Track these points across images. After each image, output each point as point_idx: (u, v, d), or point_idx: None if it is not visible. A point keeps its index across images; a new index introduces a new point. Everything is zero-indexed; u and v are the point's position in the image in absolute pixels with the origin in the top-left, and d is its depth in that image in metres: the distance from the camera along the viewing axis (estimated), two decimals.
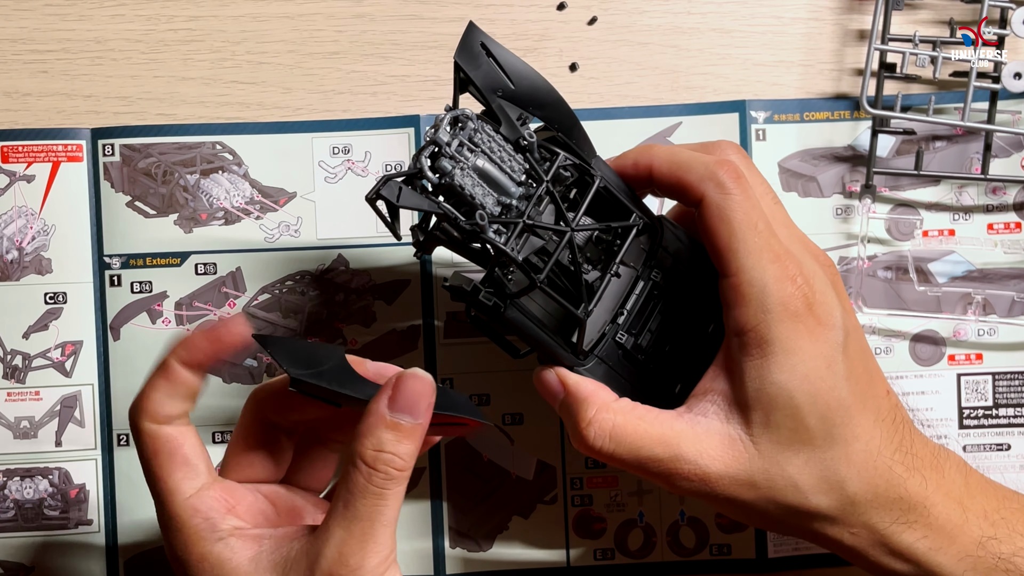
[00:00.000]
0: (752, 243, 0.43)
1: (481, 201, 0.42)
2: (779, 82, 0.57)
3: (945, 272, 0.56)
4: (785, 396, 0.42)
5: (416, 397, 0.40)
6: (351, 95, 0.56)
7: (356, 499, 0.39)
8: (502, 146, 0.43)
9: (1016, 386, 0.56)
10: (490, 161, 0.42)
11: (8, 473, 0.55)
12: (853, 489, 0.43)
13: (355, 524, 0.39)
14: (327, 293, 0.56)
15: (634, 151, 0.46)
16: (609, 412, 0.44)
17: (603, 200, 0.45)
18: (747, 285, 0.43)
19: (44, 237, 0.55)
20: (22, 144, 0.55)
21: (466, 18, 0.56)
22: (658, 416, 0.44)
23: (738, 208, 0.43)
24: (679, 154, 0.44)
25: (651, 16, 0.57)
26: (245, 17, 0.56)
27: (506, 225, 0.42)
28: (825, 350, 0.43)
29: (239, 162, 0.56)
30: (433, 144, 0.42)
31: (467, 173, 0.42)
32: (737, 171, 0.43)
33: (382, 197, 0.40)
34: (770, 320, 0.42)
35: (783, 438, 0.43)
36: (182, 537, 0.41)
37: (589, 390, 0.45)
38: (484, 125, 0.43)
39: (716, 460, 0.43)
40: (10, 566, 0.55)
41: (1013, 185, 0.56)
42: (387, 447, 0.39)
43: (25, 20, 0.56)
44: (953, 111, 0.56)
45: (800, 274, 0.43)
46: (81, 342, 0.55)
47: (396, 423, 0.40)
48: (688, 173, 0.44)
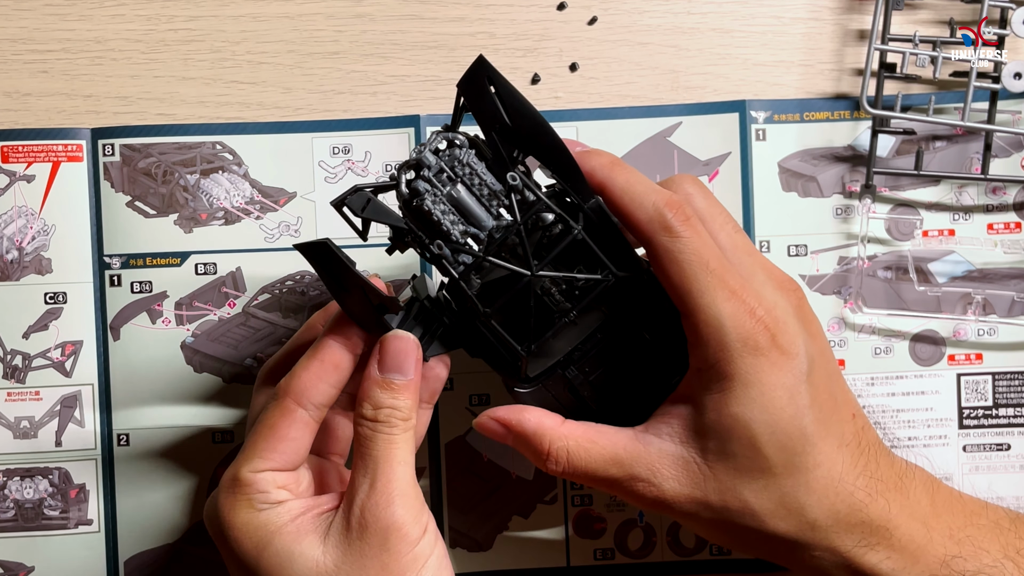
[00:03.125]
0: (705, 282, 0.42)
1: (448, 228, 0.42)
2: (779, 82, 0.57)
3: (945, 272, 0.56)
4: (743, 427, 0.42)
5: (402, 356, 0.43)
6: (351, 95, 0.56)
7: (369, 448, 0.43)
8: (485, 177, 0.43)
9: (1016, 386, 0.56)
10: (468, 191, 0.42)
11: (8, 473, 0.55)
12: (813, 515, 0.43)
13: (376, 467, 0.42)
14: (327, 293, 0.56)
15: (598, 160, 0.44)
16: (561, 440, 0.44)
17: (585, 246, 0.44)
18: (704, 325, 0.42)
19: (44, 237, 0.55)
20: (22, 144, 0.55)
21: (466, 18, 0.57)
22: (612, 437, 0.44)
23: (686, 249, 0.42)
24: (632, 187, 0.43)
25: (651, 16, 0.57)
26: (245, 17, 0.56)
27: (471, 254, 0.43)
28: (786, 380, 0.42)
29: (239, 162, 0.56)
30: (416, 163, 0.42)
31: (440, 200, 0.42)
32: (684, 211, 0.43)
33: (347, 205, 0.42)
34: (729, 356, 0.42)
35: (739, 466, 0.43)
36: (232, 501, 0.43)
37: (533, 425, 0.45)
38: (472, 154, 0.43)
39: (670, 479, 0.44)
40: (10, 566, 0.55)
41: (1013, 185, 0.56)
42: (385, 403, 0.43)
43: (25, 20, 0.56)
44: (953, 111, 0.56)
45: (760, 305, 0.42)
46: (81, 342, 0.55)
47: (389, 382, 0.43)
48: (636, 211, 0.43)
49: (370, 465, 0.42)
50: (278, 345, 0.56)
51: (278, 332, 0.56)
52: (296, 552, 0.42)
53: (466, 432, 0.56)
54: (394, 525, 0.42)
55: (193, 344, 0.55)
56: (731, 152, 0.56)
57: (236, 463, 0.44)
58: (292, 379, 0.43)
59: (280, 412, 0.43)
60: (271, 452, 0.43)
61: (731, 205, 0.56)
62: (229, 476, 0.44)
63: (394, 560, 0.41)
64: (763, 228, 0.56)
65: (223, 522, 0.43)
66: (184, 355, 0.55)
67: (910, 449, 0.56)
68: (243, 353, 0.56)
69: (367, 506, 0.42)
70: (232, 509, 0.43)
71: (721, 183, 0.56)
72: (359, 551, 0.42)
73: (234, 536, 0.43)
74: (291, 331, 0.56)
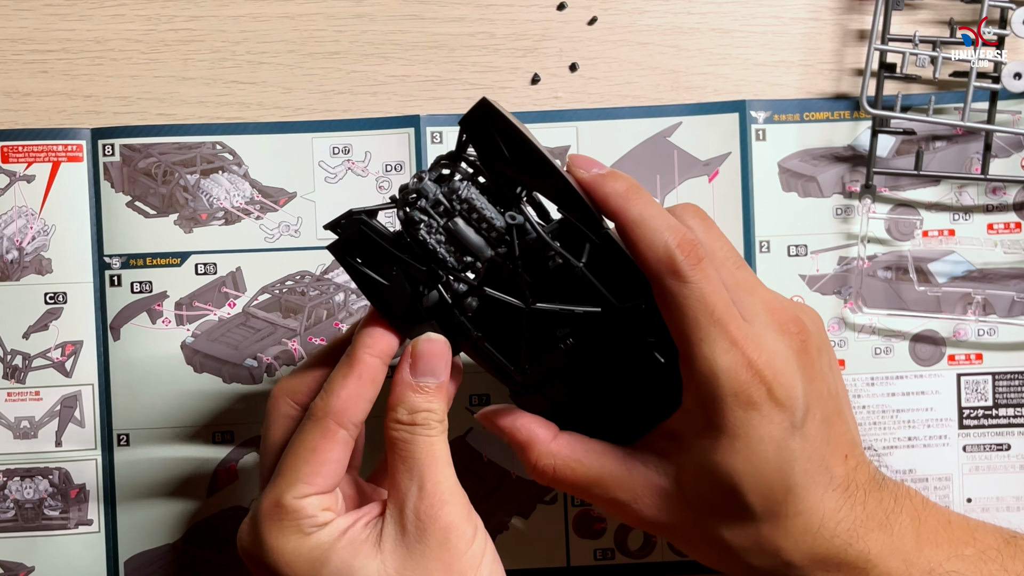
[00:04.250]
0: (706, 331, 0.42)
1: (443, 257, 0.42)
2: (779, 82, 0.57)
3: (945, 272, 0.56)
4: (726, 476, 0.42)
5: (434, 359, 0.43)
6: (351, 95, 0.56)
7: (410, 451, 0.42)
8: (485, 212, 0.42)
9: (1016, 386, 0.56)
10: (465, 223, 0.42)
11: (8, 473, 0.55)
12: (789, 557, 0.43)
13: (422, 468, 0.42)
14: (327, 293, 0.56)
15: (614, 187, 0.43)
16: (549, 457, 0.45)
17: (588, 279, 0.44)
18: (699, 373, 0.42)
19: (44, 237, 0.55)
20: (22, 144, 0.55)
21: (466, 18, 0.57)
22: (598, 457, 0.45)
23: (692, 295, 0.42)
24: (645, 222, 0.42)
25: (651, 16, 0.57)
26: (245, 17, 0.56)
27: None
28: (776, 433, 0.42)
29: (239, 162, 0.56)
30: (416, 192, 0.42)
31: (436, 231, 0.42)
32: (696, 253, 0.42)
33: (338, 233, 0.42)
34: (720, 408, 0.42)
35: (719, 509, 0.43)
36: (279, 528, 0.42)
37: (524, 436, 0.45)
38: (472, 189, 0.42)
39: (650, 507, 0.44)
40: (10, 566, 0.55)
41: (1013, 185, 0.56)
42: (420, 407, 0.43)
43: (25, 20, 0.56)
44: (953, 111, 0.56)
45: (760, 356, 0.42)
46: (81, 342, 0.55)
47: (422, 386, 0.43)
48: (647, 249, 0.42)
49: (414, 468, 0.42)
50: (279, 345, 0.56)
51: (278, 332, 0.56)
52: (355, 566, 0.41)
53: (466, 432, 0.56)
54: (451, 525, 0.41)
55: (193, 344, 0.55)
56: (731, 152, 0.56)
57: (276, 488, 0.42)
58: (331, 398, 0.42)
59: (321, 434, 0.42)
60: (314, 476, 0.42)
61: (731, 205, 0.56)
62: (271, 503, 0.42)
63: (456, 559, 0.41)
64: (763, 228, 0.56)
65: (270, 550, 0.42)
66: (184, 355, 0.56)
67: (910, 449, 0.56)
68: (243, 353, 0.56)
69: (421, 508, 0.41)
70: (280, 537, 0.42)
71: (721, 183, 0.56)
72: (420, 554, 0.41)
73: (285, 562, 0.42)
74: (291, 331, 0.56)
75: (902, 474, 0.56)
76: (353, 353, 0.43)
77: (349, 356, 0.43)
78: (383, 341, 0.43)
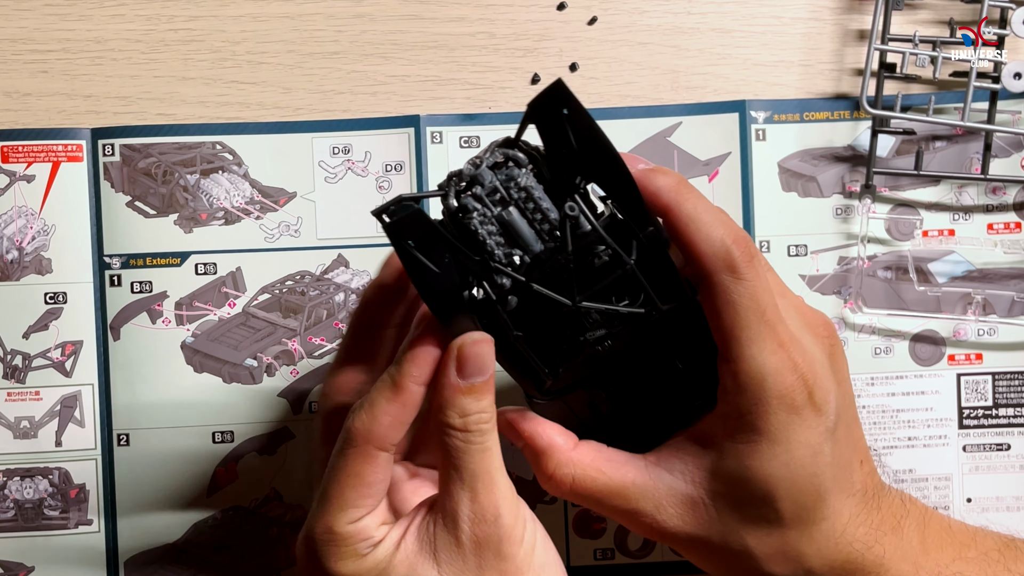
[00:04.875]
0: (756, 331, 0.41)
1: (492, 248, 0.40)
2: (779, 82, 0.57)
3: (945, 272, 0.56)
4: (761, 482, 0.42)
5: (480, 358, 0.41)
6: (351, 95, 0.56)
7: (464, 460, 0.41)
8: (541, 203, 0.40)
9: (1016, 386, 0.56)
10: (520, 214, 0.40)
11: (8, 473, 0.55)
12: (810, 564, 0.43)
13: (475, 481, 0.41)
14: (327, 293, 0.56)
15: (664, 181, 0.42)
16: (568, 466, 0.43)
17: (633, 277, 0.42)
18: (745, 375, 0.41)
19: (44, 237, 0.55)
20: (22, 144, 0.55)
21: (466, 18, 0.57)
22: (620, 466, 0.43)
23: (746, 293, 0.40)
24: (700, 216, 0.41)
25: (651, 16, 0.57)
26: (245, 17, 0.56)
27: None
28: (813, 438, 0.42)
29: (239, 162, 0.56)
30: (471, 179, 0.40)
31: (488, 220, 0.40)
32: (751, 248, 0.41)
33: (391, 215, 0.40)
34: (764, 411, 0.41)
35: (748, 515, 0.42)
36: (336, 554, 0.41)
37: (543, 443, 0.44)
38: (531, 176, 0.40)
39: (673, 517, 0.43)
40: (10, 566, 0.55)
41: (1013, 185, 0.56)
42: (471, 409, 0.41)
43: (25, 20, 0.56)
44: (953, 111, 0.56)
45: (803, 360, 0.41)
46: (81, 342, 0.55)
47: (470, 386, 0.41)
48: (701, 243, 0.41)
49: (467, 479, 0.41)
50: (279, 345, 0.56)
51: (278, 332, 0.56)
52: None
53: None
54: (504, 534, 0.41)
55: (193, 344, 0.55)
56: (731, 152, 0.56)
57: (327, 514, 0.41)
58: (374, 425, 0.41)
59: (364, 460, 0.41)
60: (363, 499, 0.41)
61: (731, 205, 0.56)
62: (324, 529, 0.41)
63: (511, 565, 0.41)
64: (763, 228, 0.56)
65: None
66: (184, 355, 0.56)
67: (910, 449, 0.56)
68: (243, 353, 0.56)
69: (475, 522, 0.41)
70: (338, 562, 0.41)
71: (721, 183, 0.56)
72: (476, 565, 0.41)
73: None
74: (291, 331, 0.56)
75: (902, 474, 0.56)
76: (399, 381, 0.41)
77: (394, 382, 0.41)
78: (428, 369, 0.41)
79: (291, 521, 0.56)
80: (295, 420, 0.56)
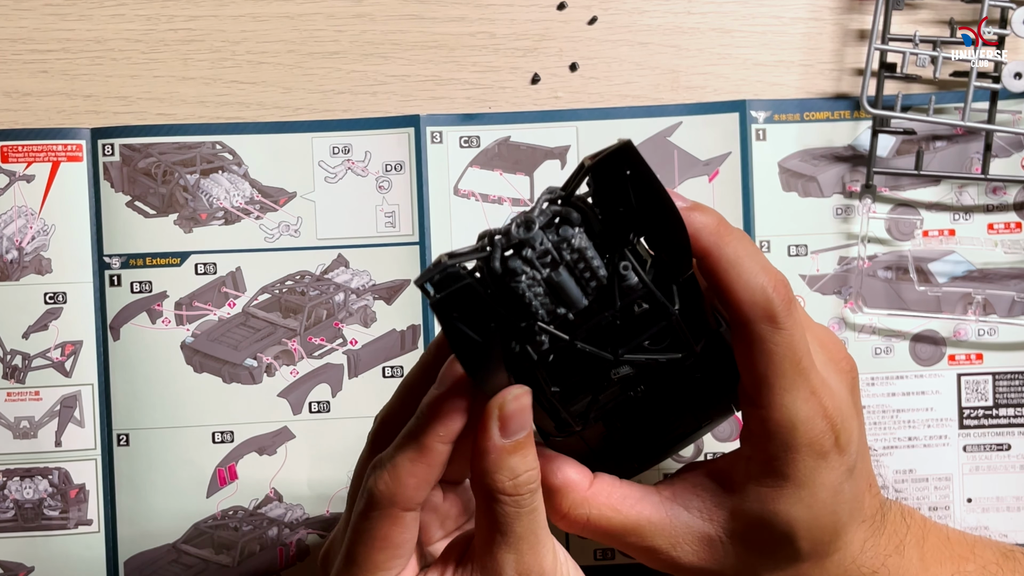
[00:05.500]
0: (791, 380, 0.39)
1: (536, 309, 0.37)
2: (779, 82, 0.57)
3: (945, 272, 0.56)
4: (784, 524, 0.41)
5: (522, 413, 0.39)
6: (351, 95, 0.56)
7: (512, 524, 0.39)
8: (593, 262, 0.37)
9: (1016, 386, 0.56)
10: (569, 274, 0.37)
11: (8, 473, 0.55)
12: None
13: (521, 543, 0.39)
14: (327, 293, 0.56)
15: (703, 221, 0.40)
16: (584, 506, 0.42)
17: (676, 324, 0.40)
18: (775, 423, 0.40)
19: (44, 237, 0.55)
20: (22, 144, 0.55)
21: (466, 18, 0.57)
22: (635, 504, 0.42)
23: (783, 343, 0.39)
24: (741, 262, 0.39)
25: (651, 16, 0.57)
26: (245, 17, 0.56)
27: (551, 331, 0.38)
28: (835, 479, 0.41)
29: (239, 162, 0.56)
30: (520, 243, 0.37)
31: (537, 283, 0.37)
32: (790, 294, 0.39)
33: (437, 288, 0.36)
34: (792, 458, 0.40)
35: (766, 553, 0.42)
36: None
37: (560, 481, 0.42)
38: (584, 236, 0.37)
39: (689, 553, 0.42)
40: (10, 566, 0.55)
41: (1013, 185, 0.56)
42: (520, 469, 0.39)
43: (25, 20, 0.56)
44: (953, 111, 0.56)
45: (832, 405, 0.40)
46: (81, 342, 0.55)
47: (515, 444, 0.38)
48: (742, 290, 0.39)
49: (513, 542, 0.39)
50: (278, 345, 0.56)
51: (278, 332, 0.56)
52: None
53: None
54: None
55: (193, 344, 0.55)
56: (731, 152, 0.56)
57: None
58: (399, 488, 0.39)
59: (391, 522, 0.39)
60: (392, 560, 0.40)
61: (731, 205, 0.56)
62: None
63: None
64: (763, 228, 0.56)
65: None
66: (184, 355, 0.55)
67: (910, 449, 0.56)
68: (243, 353, 0.56)
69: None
70: None
71: (721, 183, 0.56)
72: None
73: None
74: (291, 331, 0.56)
75: (902, 474, 0.56)
76: (424, 441, 0.38)
77: (418, 442, 0.39)
78: (454, 427, 0.38)
79: (291, 521, 0.56)
80: (295, 420, 0.56)
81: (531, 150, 0.56)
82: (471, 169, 0.56)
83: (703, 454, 0.57)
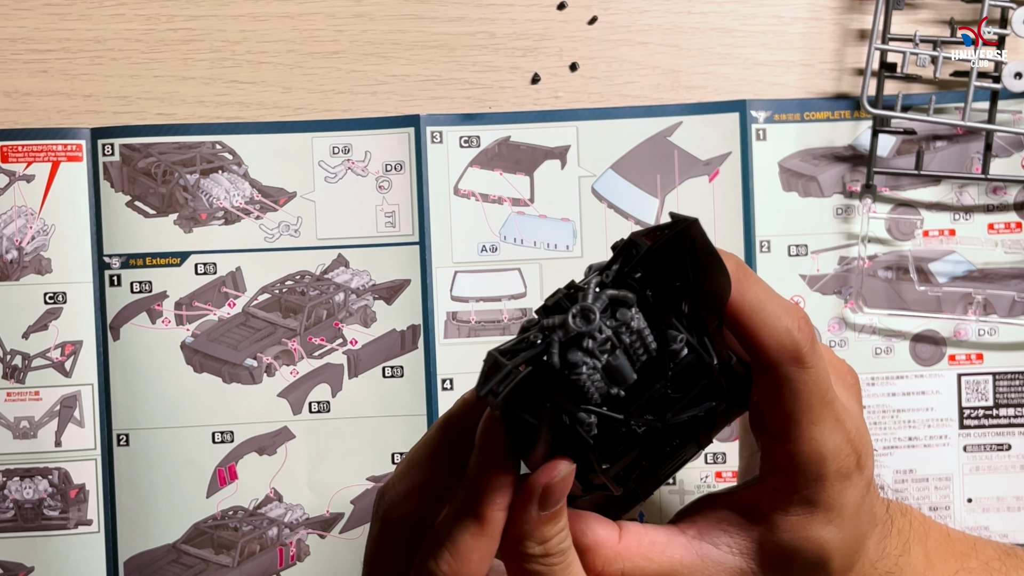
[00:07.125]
0: (818, 414, 0.39)
1: (591, 392, 0.36)
2: (779, 82, 0.57)
3: (946, 272, 0.56)
4: (816, 548, 0.41)
5: (565, 489, 0.38)
6: (351, 95, 0.56)
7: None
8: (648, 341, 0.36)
9: (1016, 386, 0.56)
10: (627, 356, 0.36)
11: (8, 473, 0.55)
12: None
13: None
14: (327, 293, 0.56)
15: (728, 265, 0.38)
16: (617, 561, 0.41)
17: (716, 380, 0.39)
18: (805, 456, 0.40)
19: (44, 237, 0.55)
20: (22, 144, 0.55)
21: (466, 18, 0.57)
22: (665, 548, 0.42)
23: (810, 380, 0.39)
24: (764, 307, 0.39)
25: (651, 16, 0.57)
26: (245, 17, 0.56)
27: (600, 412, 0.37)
28: (858, 496, 0.41)
29: (239, 162, 0.56)
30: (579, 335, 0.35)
31: (596, 371, 0.36)
32: (813, 333, 0.39)
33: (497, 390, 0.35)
34: (822, 487, 0.40)
35: (796, 575, 0.42)
36: None
37: (590, 540, 0.41)
38: (641, 317, 0.36)
39: None
40: (10, 566, 0.55)
41: (1014, 185, 0.56)
42: (550, 535, 0.38)
43: (25, 20, 0.56)
44: (953, 111, 0.56)
45: (853, 428, 0.40)
46: (81, 342, 0.55)
47: (551, 514, 0.38)
48: (766, 335, 0.39)
49: None
50: (278, 345, 0.56)
51: (278, 332, 0.56)
52: None
53: None
54: None
55: (193, 344, 0.55)
56: (731, 152, 0.56)
57: None
58: (462, 565, 0.37)
59: None
60: None
61: (731, 205, 0.56)
62: None
63: None
64: (763, 228, 0.56)
65: None
66: (184, 355, 0.55)
67: (910, 449, 0.56)
68: (243, 353, 0.56)
69: None
70: None
71: (721, 183, 0.56)
72: None
73: None
74: (291, 331, 0.56)
75: (902, 474, 0.56)
76: (484, 512, 0.37)
77: (478, 515, 0.37)
78: (509, 495, 0.38)
79: (291, 521, 0.56)
80: (295, 420, 0.56)
81: (531, 150, 0.56)
82: (471, 169, 0.56)
83: (702, 454, 0.57)
